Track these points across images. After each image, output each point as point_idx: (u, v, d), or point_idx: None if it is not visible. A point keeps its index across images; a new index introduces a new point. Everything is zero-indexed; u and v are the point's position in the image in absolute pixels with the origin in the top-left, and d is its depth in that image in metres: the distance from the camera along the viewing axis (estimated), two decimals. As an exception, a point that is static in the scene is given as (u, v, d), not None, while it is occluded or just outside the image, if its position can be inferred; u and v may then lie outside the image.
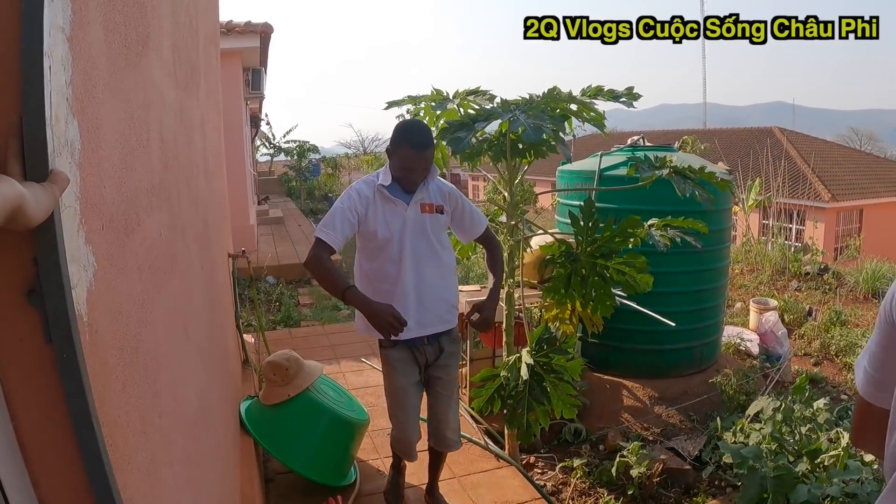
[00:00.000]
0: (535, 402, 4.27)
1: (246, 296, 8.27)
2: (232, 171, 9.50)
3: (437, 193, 3.65)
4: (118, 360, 1.31)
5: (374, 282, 3.61)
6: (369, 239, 3.56)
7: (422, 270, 3.60)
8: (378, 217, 3.51)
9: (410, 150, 3.41)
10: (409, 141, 3.41)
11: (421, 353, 3.72)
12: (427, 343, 3.72)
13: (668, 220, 4.40)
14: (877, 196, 26.94)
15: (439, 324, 3.72)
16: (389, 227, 3.52)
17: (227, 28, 11.44)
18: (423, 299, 3.62)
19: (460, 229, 3.85)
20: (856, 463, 4.04)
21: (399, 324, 3.23)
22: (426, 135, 3.52)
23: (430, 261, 3.63)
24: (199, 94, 3.33)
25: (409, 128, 3.53)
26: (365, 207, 3.50)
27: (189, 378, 2.20)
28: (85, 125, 1.18)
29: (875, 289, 11.23)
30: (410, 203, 3.54)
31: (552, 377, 4.28)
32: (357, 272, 3.72)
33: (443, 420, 3.80)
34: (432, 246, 3.64)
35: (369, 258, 3.63)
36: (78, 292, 1.09)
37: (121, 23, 1.49)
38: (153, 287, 1.68)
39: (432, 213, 3.61)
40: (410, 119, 4.17)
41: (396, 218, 3.54)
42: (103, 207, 1.28)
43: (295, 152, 29.14)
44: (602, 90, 4.22)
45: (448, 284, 3.77)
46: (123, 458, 1.26)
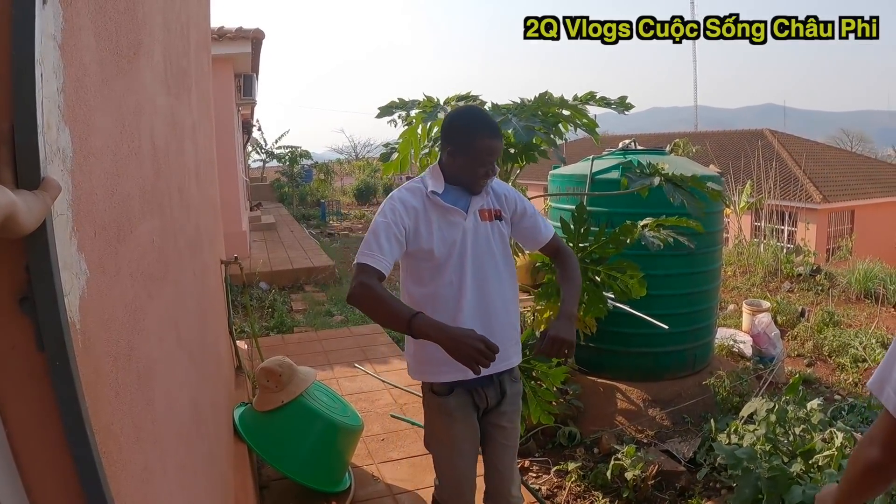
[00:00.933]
0: None
1: (239, 302, 8.26)
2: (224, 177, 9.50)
3: (492, 196, 3.04)
4: (111, 368, 1.30)
5: (428, 311, 2.74)
6: (422, 259, 2.89)
7: (487, 293, 2.94)
8: (433, 232, 2.86)
9: (490, 141, 2.81)
10: (487, 130, 2.82)
11: (481, 397, 3.01)
12: (488, 384, 3.02)
13: (661, 220, 4.41)
14: (868, 197, 27.01)
15: (506, 359, 3.00)
16: (447, 243, 2.87)
17: (219, 34, 11.44)
18: (490, 328, 2.86)
19: (521, 237, 3.16)
20: (850, 463, 4.05)
21: (491, 352, 2.44)
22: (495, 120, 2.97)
23: (495, 281, 2.97)
24: (191, 100, 3.33)
25: (478, 115, 2.92)
26: (414, 221, 2.84)
27: (182, 385, 2.20)
28: (77, 132, 1.18)
29: (867, 289, 11.27)
30: (469, 211, 2.92)
31: (532, 384, 4.28)
32: (404, 300, 2.92)
33: (507, 476, 3.12)
34: (496, 262, 2.99)
35: (421, 282, 2.94)
36: (70, 299, 1.09)
37: (112, 30, 1.49)
38: (146, 294, 1.68)
39: (492, 221, 2.99)
40: (466, 106, 3.31)
41: (454, 231, 2.89)
42: (95, 214, 1.28)
43: (287, 158, 29.17)
44: (594, 96, 4.24)
45: (515, 309, 3.13)
46: (117, 465, 1.26)
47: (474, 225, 2.91)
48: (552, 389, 4.31)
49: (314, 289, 11.54)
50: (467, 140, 2.80)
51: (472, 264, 2.90)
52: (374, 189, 33.24)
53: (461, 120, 2.89)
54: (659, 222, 4.37)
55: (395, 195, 2.88)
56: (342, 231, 21.02)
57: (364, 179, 33.57)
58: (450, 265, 2.87)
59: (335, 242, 17.98)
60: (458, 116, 2.92)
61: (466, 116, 2.91)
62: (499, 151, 2.85)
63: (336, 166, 40.40)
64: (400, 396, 5.91)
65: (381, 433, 5.15)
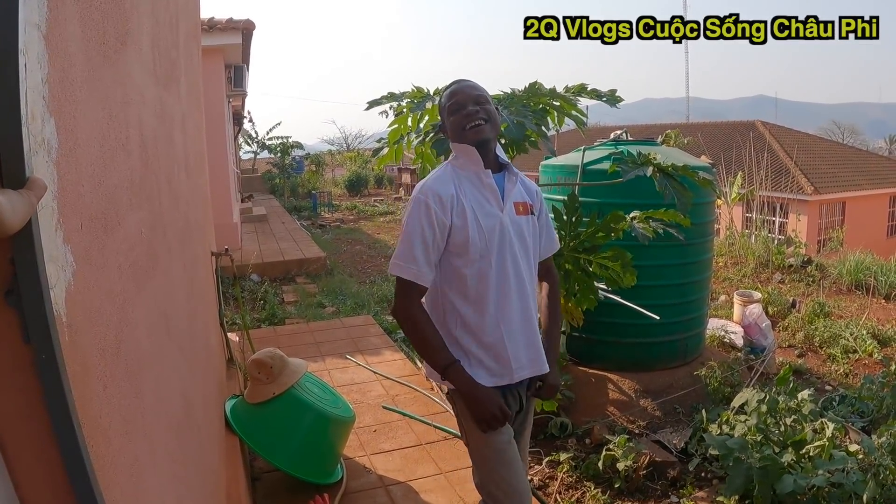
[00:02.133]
0: None
1: (230, 294, 8.25)
2: (214, 168, 9.47)
3: (524, 189, 2.84)
4: (99, 360, 1.30)
5: (471, 317, 2.66)
6: (460, 255, 2.62)
7: (526, 296, 2.73)
8: (469, 218, 2.60)
9: (457, 87, 2.76)
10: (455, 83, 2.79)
11: (508, 403, 2.78)
12: (510, 392, 2.80)
13: (650, 212, 4.41)
14: (859, 188, 27.12)
15: (541, 364, 2.83)
16: (485, 232, 2.62)
17: (209, 25, 11.41)
18: (531, 339, 2.77)
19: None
20: (841, 453, 4.06)
21: (504, 418, 2.54)
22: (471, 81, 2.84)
23: (530, 284, 2.77)
24: (180, 91, 3.31)
25: (452, 83, 2.84)
26: (450, 211, 2.58)
27: (172, 377, 2.19)
28: (62, 123, 1.17)
29: (858, 280, 11.31)
30: (505, 200, 2.70)
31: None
32: (444, 317, 2.70)
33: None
34: (530, 263, 2.79)
35: (465, 293, 2.66)
36: (56, 292, 1.08)
37: (98, 19, 1.48)
38: (134, 286, 1.67)
39: (527, 215, 2.77)
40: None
41: (492, 221, 2.64)
42: (82, 206, 1.27)
43: (278, 149, 29.10)
44: (585, 88, 4.23)
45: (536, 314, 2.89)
46: (106, 458, 1.26)
47: (511, 218, 2.69)
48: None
49: (306, 280, 11.53)
50: (445, 102, 2.77)
51: (513, 263, 2.68)
52: (366, 180, 33.20)
53: (441, 94, 2.88)
54: (648, 214, 4.36)
55: (426, 188, 2.60)
56: (333, 222, 21.00)
57: (355, 171, 33.55)
58: (488, 262, 2.62)
59: (327, 234, 17.98)
60: (441, 90, 2.95)
61: (444, 89, 2.87)
62: (474, 93, 2.71)
63: (327, 158, 40.34)
64: (392, 387, 5.90)
65: (373, 424, 5.15)
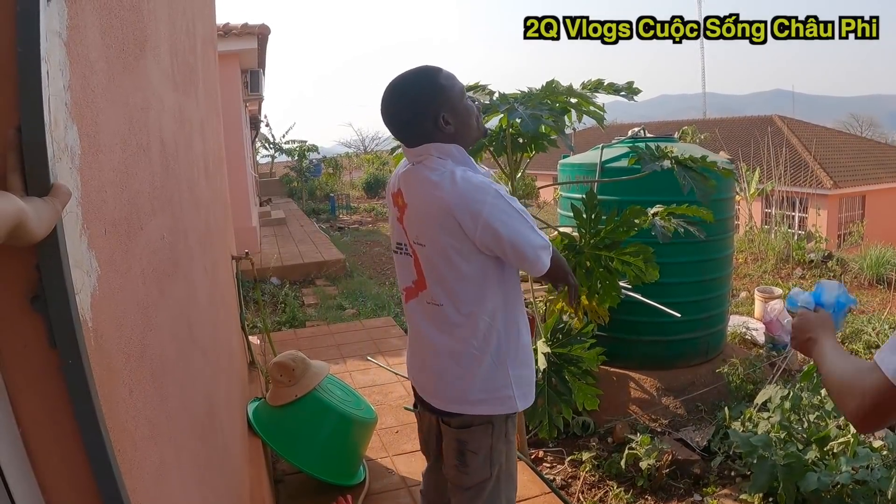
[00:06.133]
0: (555, 394, 4.25)
1: (250, 297, 8.28)
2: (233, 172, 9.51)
3: None
4: (124, 365, 1.30)
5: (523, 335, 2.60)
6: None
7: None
8: None
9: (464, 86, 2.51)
10: (435, 67, 2.44)
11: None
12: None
13: (672, 208, 4.39)
14: (879, 182, 26.90)
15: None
16: None
17: (225, 30, 11.46)
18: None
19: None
20: (865, 450, 4.04)
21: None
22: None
23: None
24: (198, 96, 3.33)
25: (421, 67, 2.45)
26: None
27: (196, 381, 2.20)
28: (84, 130, 1.18)
29: (879, 274, 11.23)
30: None
31: (571, 368, 4.27)
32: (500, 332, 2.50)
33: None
34: None
35: (513, 301, 2.56)
36: (82, 297, 1.09)
37: (118, 26, 1.49)
38: (157, 291, 1.68)
39: None
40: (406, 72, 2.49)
41: None
42: (105, 212, 1.28)
43: (295, 153, 29.18)
44: (602, 84, 4.20)
45: None
46: (132, 462, 1.26)
47: None
48: (591, 372, 4.30)
49: (325, 283, 11.56)
50: (463, 90, 2.45)
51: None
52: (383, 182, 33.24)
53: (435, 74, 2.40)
54: (670, 210, 4.34)
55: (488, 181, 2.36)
56: (352, 225, 21.03)
57: (373, 173, 33.57)
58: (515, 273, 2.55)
59: (345, 236, 18.00)
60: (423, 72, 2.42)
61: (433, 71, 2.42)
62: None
63: (344, 160, 40.41)
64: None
65: (395, 425, 5.15)
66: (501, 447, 2.60)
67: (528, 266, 2.40)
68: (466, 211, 2.27)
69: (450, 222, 2.30)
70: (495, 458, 2.60)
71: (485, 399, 2.51)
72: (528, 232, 2.33)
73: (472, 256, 2.36)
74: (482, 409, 2.52)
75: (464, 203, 2.27)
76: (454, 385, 2.52)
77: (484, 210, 2.25)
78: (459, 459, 2.60)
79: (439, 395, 2.60)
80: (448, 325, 2.47)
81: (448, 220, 2.30)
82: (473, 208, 2.26)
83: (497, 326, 2.47)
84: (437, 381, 2.59)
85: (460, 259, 2.36)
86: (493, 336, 2.47)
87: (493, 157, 4.42)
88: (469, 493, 2.64)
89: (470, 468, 2.59)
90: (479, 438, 2.55)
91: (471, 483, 2.62)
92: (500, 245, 2.30)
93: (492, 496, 2.64)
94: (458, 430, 2.58)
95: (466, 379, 2.49)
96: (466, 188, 2.29)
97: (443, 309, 2.46)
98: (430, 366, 2.59)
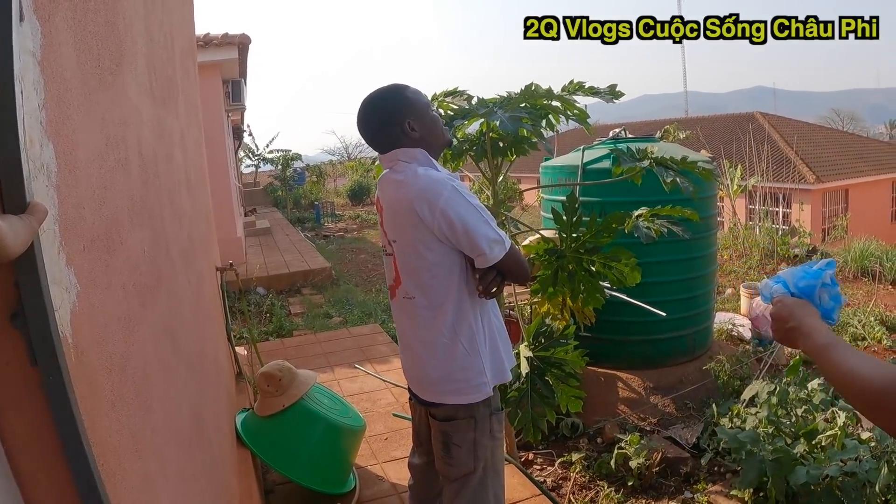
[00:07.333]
0: (538, 397, 4.26)
1: (237, 308, 8.26)
2: (216, 183, 9.50)
3: None
4: (106, 380, 1.31)
5: (497, 328, 2.76)
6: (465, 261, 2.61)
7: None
8: None
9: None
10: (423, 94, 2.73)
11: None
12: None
13: (656, 209, 4.40)
14: (861, 175, 27.06)
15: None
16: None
17: (205, 41, 11.44)
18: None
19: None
20: (853, 442, 4.06)
21: None
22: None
23: None
24: (178, 108, 3.33)
25: (390, 84, 2.71)
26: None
27: (181, 393, 2.20)
28: (60, 147, 1.18)
29: (864, 267, 11.31)
30: None
31: (554, 370, 4.28)
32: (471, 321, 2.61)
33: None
34: None
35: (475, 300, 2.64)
36: (61, 314, 1.09)
37: (93, 43, 1.49)
38: (139, 305, 1.68)
39: None
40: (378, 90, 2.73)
41: None
42: (83, 228, 1.28)
43: (279, 162, 29.16)
44: (582, 86, 4.21)
45: None
46: (116, 476, 1.27)
47: None
48: (574, 374, 4.31)
49: (312, 291, 11.54)
50: (430, 103, 2.68)
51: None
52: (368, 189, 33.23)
53: (403, 92, 2.64)
54: (653, 212, 4.35)
55: (443, 176, 2.51)
56: (337, 232, 21.00)
57: (357, 180, 33.53)
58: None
59: (331, 244, 17.98)
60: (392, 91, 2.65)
61: (401, 88, 2.67)
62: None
63: (328, 168, 40.38)
64: (401, 395, 5.91)
65: (384, 432, 5.15)
66: (486, 442, 2.71)
67: (481, 256, 2.49)
68: (425, 202, 2.43)
69: (413, 216, 2.47)
70: (480, 453, 2.71)
71: (462, 388, 2.63)
72: (482, 224, 2.46)
73: (435, 246, 2.50)
74: (460, 399, 2.64)
75: (422, 195, 2.44)
76: (431, 375, 2.66)
77: (440, 201, 2.41)
78: (445, 451, 2.73)
79: (421, 386, 2.76)
80: (421, 317, 2.62)
81: (411, 214, 2.47)
82: (431, 199, 2.42)
83: (466, 315, 2.59)
84: (418, 372, 2.74)
85: (426, 250, 2.51)
86: (463, 325, 2.59)
87: (474, 162, 4.42)
88: (455, 484, 2.76)
89: (455, 460, 2.71)
90: (462, 432, 2.67)
91: (457, 475, 2.73)
92: (455, 234, 2.44)
93: (477, 490, 2.74)
94: (442, 422, 2.71)
95: (441, 369, 2.62)
96: (426, 183, 2.46)
97: (415, 301, 2.61)
98: (412, 358, 2.74)
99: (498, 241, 2.48)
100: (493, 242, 2.47)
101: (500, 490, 2.87)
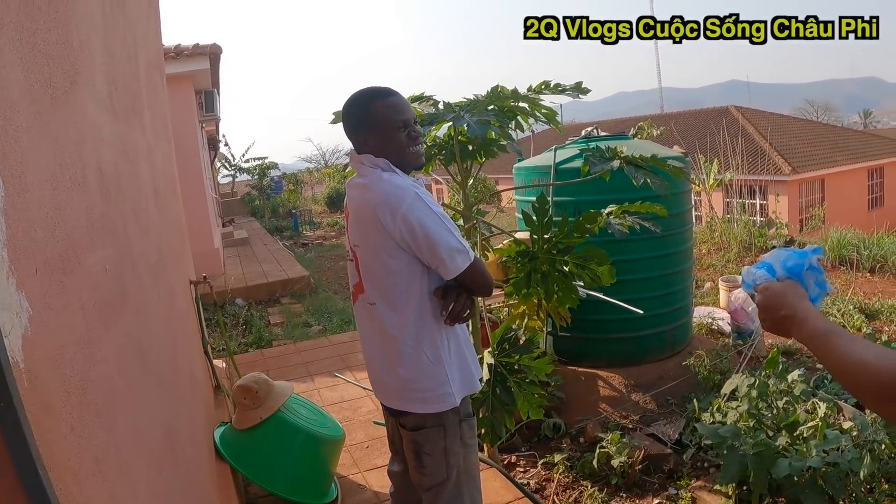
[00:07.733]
0: (498, 403, 4.24)
1: (214, 321, 8.22)
2: (190, 195, 9.44)
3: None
4: (64, 403, 1.29)
5: (463, 338, 2.76)
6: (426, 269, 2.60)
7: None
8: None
9: (401, 102, 2.62)
10: (393, 97, 2.62)
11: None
12: None
13: (626, 206, 4.41)
14: (836, 165, 27.31)
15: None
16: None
17: (176, 52, 11.41)
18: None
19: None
20: (834, 432, 4.07)
21: None
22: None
23: None
24: (144, 122, 3.30)
25: (372, 89, 2.67)
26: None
27: (151, 411, 2.18)
28: (8, 171, 1.17)
29: (842, 256, 11.39)
30: None
31: (516, 377, 4.26)
32: (433, 329, 2.61)
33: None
34: None
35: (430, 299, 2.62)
36: (11, 339, 1.08)
37: (43, 63, 1.47)
38: (101, 324, 1.66)
39: None
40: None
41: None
42: (35, 251, 1.27)
43: (256, 171, 29.10)
44: (549, 85, 4.22)
45: None
46: (77, 499, 1.25)
47: None
48: (537, 381, 4.30)
49: (291, 301, 11.50)
50: (390, 114, 2.57)
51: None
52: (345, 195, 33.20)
53: (362, 98, 2.62)
54: (624, 209, 4.36)
55: (406, 184, 2.50)
56: (316, 240, 20.96)
57: (334, 186, 33.49)
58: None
59: (309, 252, 17.92)
60: (358, 98, 2.64)
61: (365, 93, 2.64)
62: (412, 112, 2.64)
63: (305, 175, 40.34)
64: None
65: (365, 440, 5.14)
66: (457, 449, 2.70)
67: (442, 266, 2.48)
68: (387, 207, 2.43)
69: (375, 221, 2.46)
70: (452, 461, 2.69)
71: (427, 398, 2.61)
72: (444, 233, 2.45)
73: (396, 252, 2.49)
74: (425, 408, 2.62)
75: (385, 200, 2.44)
76: (394, 382, 2.65)
77: (402, 206, 2.41)
78: (417, 461, 2.72)
79: (384, 392, 2.75)
80: (383, 323, 2.59)
81: (374, 219, 2.47)
82: (393, 204, 2.42)
83: (429, 324, 2.59)
84: (381, 378, 2.72)
85: (387, 256, 2.50)
86: (425, 333, 2.58)
87: (443, 166, 4.42)
88: (430, 493, 2.75)
89: (427, 469, 2.69)
90: (433, 440, 2.65)
91: (430, 483, 2.72)
92: (416, 240, 2.43)
93: (453, 496, 2.73)
94: (411, 431, 2.70)
95: (404, 376, 2.60)
96: (389, 188, 2.47)
97: (377, 308, 2.59)
98: (375, 365, 2.73)
99: (461, 251, 2.47)
100: (455, 252, 2.45)
101: (477, 493, 2.86)
